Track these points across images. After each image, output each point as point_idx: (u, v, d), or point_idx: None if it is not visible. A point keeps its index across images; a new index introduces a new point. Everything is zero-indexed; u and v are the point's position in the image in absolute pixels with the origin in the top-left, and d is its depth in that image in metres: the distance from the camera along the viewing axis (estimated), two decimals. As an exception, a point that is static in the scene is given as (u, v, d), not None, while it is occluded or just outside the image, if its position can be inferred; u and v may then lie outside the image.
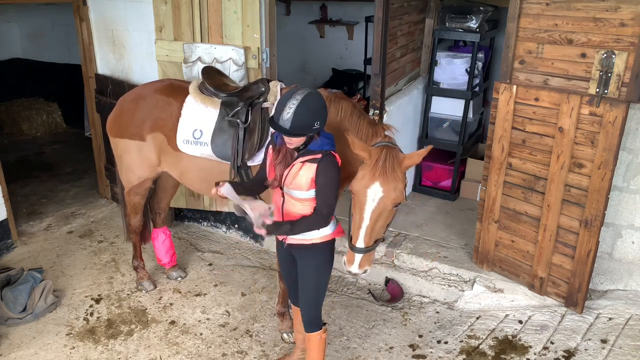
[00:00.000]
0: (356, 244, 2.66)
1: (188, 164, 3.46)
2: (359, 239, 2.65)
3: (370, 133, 2.89)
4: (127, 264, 4.40)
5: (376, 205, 2.58)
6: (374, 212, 2.60)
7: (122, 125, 3.58)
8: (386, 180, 2.57)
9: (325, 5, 7.71)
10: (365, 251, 2.66)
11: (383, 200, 2.58)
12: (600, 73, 3.11)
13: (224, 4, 4.01)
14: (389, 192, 2.57)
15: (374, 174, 2.58)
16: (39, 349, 3.46)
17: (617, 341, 3.35)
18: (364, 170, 2.62)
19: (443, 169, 5.17)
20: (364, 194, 2.59)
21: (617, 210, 3.70)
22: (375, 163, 2.58)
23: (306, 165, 2.57)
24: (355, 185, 2.63)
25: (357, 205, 2.63)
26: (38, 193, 5.76)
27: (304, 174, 2.58)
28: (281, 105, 2.46)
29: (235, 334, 3.62)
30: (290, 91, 2.50)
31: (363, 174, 2.61)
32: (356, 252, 2.67)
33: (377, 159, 2.59)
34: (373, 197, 2.58)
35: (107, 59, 5.02)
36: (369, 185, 2.58)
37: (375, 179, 2.57)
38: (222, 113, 3.33)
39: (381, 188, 2.56)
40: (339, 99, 3.01)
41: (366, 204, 2.60)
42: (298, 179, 2.59)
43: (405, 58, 4.83)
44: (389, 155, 2.60)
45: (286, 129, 2.45)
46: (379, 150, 2.63)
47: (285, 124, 2.44)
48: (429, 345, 3.49)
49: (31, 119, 7.81)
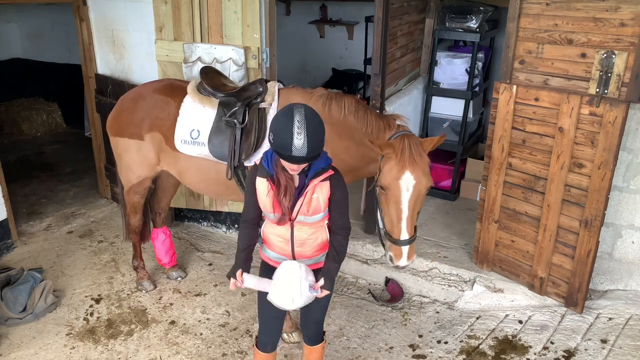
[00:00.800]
0: (400, 237, 2.69)
1: (186, 163, 3.46)
2: (402, 232, 2.68)
3: (382, 126, 2.91)
4: (127, 264, 4.40)
5: (411, 194, 2.63)
6: (411, 201, 2.65)
7: (121, 125, 3.59)
8: (415, 167, 2.61)
9: (325, 5, 7.71)
10: (410, 242, 2.71)
11: (417, 187, 2.63)
12: (600, 73, 3.11)
13: (224, 4, 4.01)
14: (420, 178, 2.62)
15: (403, 164, 2.62)
16: (39, 349, 3.46)
17: (617, 341, 3.35)
18: (390, 162, 2.64)
19: (443, 169, 5.17)
20: (397, 185, 2.62)
21: (617, 210, 3.70)
22: (402, 153, 2.62)
23: (319, 185, 2.37)
24: (385, 179, 2.65)
25: (392, 198, 2.65)
26: (38, 193, 5.76)
27: (319, 195, 2.38)
28: (285, 134, 2.13)
29: (235, 334, 3.62)
30: (281, 116, 2.18)
31: (390, 166, 2.64)
32: (403, 245, 2.69)
33: (402, 149, 2.62)
34: (407, 187, 2.62)
35: (107, 59, 5.02)
36: (400, 176, 2.61)
37: (405, 168, 2.61)
38: (219, 113, 3.33)
39: (412, 176, 2.60)
40: (341, 96, 3.04)
41: (402, 195, 2.63)
42: (315, 202, 2.38)
43: (405, 58, 4.83)
44: (412, 143, 2.65)
45: (304, 157, 2.16)
46: (399, 140, 2.67)
47: (301, 151, 2.14)
48: (429, 345, 3.49)
49: (31, 119, 7.81)
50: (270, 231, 2.55)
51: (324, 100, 3.09)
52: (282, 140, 2.15)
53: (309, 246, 2.52)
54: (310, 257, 2.55)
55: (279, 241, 2.53)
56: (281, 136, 2.14)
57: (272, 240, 2.57)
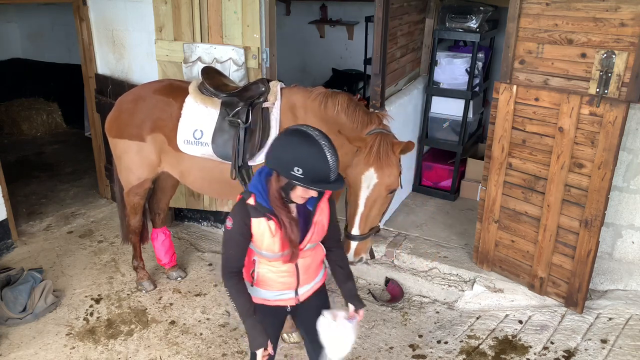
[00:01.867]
0: (352, 231, 2.66)
1: (189, 164, 3.46)
2: (354, 227, 2.65)
3: (365, 121, 2.89)
4: (127, 264, 4.40)
5: (371, 191, 2.58)
6: (369, 199, 2.61)
7: (121, 126, 3.58)
8: (380, 166, 2.57)
9: (325, 5, 7.71)
10: (360, 239, 2.66)
11: (378, 187, 2.58)
12: (600, 73, 3.11)
13: (224, 4, 4.01)
14: (383, 178, 2.57)
15: (368, 160, 2.58)
16: (39, 349, 3.46)
17: (617, 341, 3.35)
18: (358, 157, 2.61)
19: (443, 169, 5.17)
20: (359, 180, 2.59)
21: (617, 210, 3.70)
22: (370, 150, 2.58)
23: (320, 207, 2.20)
24: (349, 173, 2.62)
25: (352, 192, 2.63)
26: (38, 193, 5.76)
27: (323, 218, 2.21)
28: (321, 164, 1.92)
29: (235, 334, 3.62)
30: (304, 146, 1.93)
31: (357, 161, 2.61)
32: (352, 240, 2.66)
33: (371, 145, 2.59)
34: (368, 184, 2.59)
35: (107, 59, 5.02)
36: (363, 172, 2.58)
37: (370, 165, 2.58)
38: (222, 113, 3.33)
39: (375, 174, 2.57)
40: (336, 94, 3.04)
41: (361, 190, 2.60)
42: (320, 226, 2.21)
43: (405, 58, 4.83)
44: (383, 141, 2.61)
45: (340, 184, 2.01)
46: (372, 137, 2.63)
47: (335, 173, 1.96)
48: (429, 345, 3.49)
49: (31, 119, 7.81)
50: (270, 270, 2.24)
51: (321, 98, 3.09)
52: (319, 171, 1.93)
53: (312, 269, 2.31)
54: (312, 281, 2.34)
55: (283, 277, 2.25)
56: (317, 167, 1.92)
57: (272, 279, 2.27)
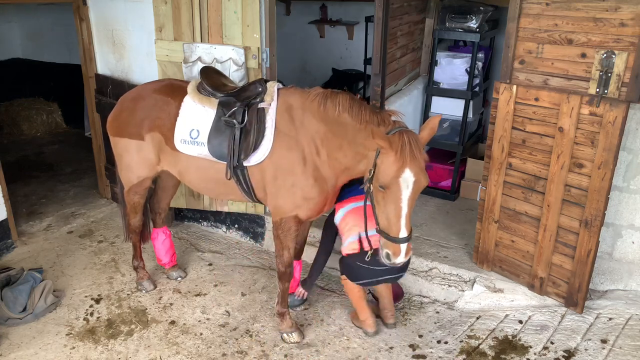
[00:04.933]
0: (399, 235, 2.70)
1: (186, 163, 3.46)
2: (401, 229, 2.69)
3: (375, 120, 2.87)
4: (127, 264, 4.40)
5: (410, 191, 2.63)
6: (410, 199, 2.65)
7: (121, 125, 3.59)
8: (415, 164, 2.61)
9: (325, 5, 7.71)
10: (409, 239, 2.72)
11: (416, 185, 2.63)
12: (600, 73, 3.11)
13: (224, 4, 4.01)
14: (419, 175, 2.63)
15: (404, 161, 2.60)
16: (39, 349, 3.46)
17: (617, 341, 3.35)
18: (389, 159, 2.62)
19: (443, 169, 5.17)
20: (397, 183, 2.61)
21: (617, 210, 3.70)
22: (401, 150, 2.60)
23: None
24: (384, 177, 2.64)
25: (391, 196, 2.65)
26: (38, 193, 5.76)
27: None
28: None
29: (235, 334, 3.62)
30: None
31: (389, 163, 2.62)
32: (402, 243, 2.72)
33: (402, 145, 2.60)
34: (407, 184, 2.62)
35: (107, 59, 5.02)
36: (400, 173, 2.61)
37: (406, 165, 2.60)
38: (219, 113, 3.31)
39: (412, 173, 2.60)
40: (336, 94, 3.01)
41: (402, 192, 2.63)
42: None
43: (405, 58, 4.84)
44: (411, 139, 2.63)
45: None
46: (398, 137, 2.64)
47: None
48: (429, 345, 3.49)
49: (31, 119, 7.81)
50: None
51: (320, 99, 3.05)
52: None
53: None
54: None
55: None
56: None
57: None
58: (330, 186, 3.20)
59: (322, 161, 3.11)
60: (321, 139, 3.08)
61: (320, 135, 3.08)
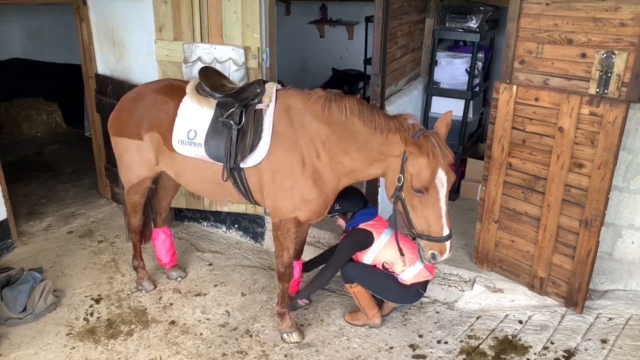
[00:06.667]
0: (444, 233, 2.82)
1: (183, 164, 3.44)
2: (444, 228, 2.81)
3: (391, 126, 2.89)
4: (127, 264, 4.40)
5: (446, 189, 2.77)
6: (446, 196, 2.79)
7: (121, 124, 3.59)
8: (447, 164, 2.76)
9: (325, 5, 7.71)
10: (451, 235, 2.85)
11: (449, 182, 2.78)
12: (600, 73, 3.11)
13: (224, 4, 4.01)
14: (449, 173, 2.77)
15: (437, 162, 2.72)
16: (39, 349, 3.46)
17: (617, 341, 3.35)
18: (420, 163, 2.73)
19: (443, 169, 5.16)
20: (434, 185, 2.74)
21: (617, 210, 3.70)
22: (432, 153, 2.71)
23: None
24: (419, 181, 2.74)
25: (431, 198, 2.76)
26: (38, 193, 5.76)
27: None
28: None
29: (235, 334, 3.62)
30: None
31: (421, 167, 2.73)
32: (446, 241, 2.84)
33: (431, 147, 2.71)
34: (443, 183, 2.75)
35: (107, 59, 5.02)
36: (436, 174, 2.73)
37: (439, 166, 2.72)
38: (217, 114, 3.29)
39: (445, 172, 2.74)
40: (341, 97, 3.01)
41: (440, 192, 2.76)
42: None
43: (405, 58, 4.83)
44: (437, 140, 2.74)
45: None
46: (425, 140, 2.74)
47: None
48: (429, 345, 3.49)
49: (31, 119, 7.81)
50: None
51: (323, 101, 3.03)
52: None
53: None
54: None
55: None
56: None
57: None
58: (331, 188, 3.20)
59: (323, 164, 3.10)
60: (322, 141, 3.07)
61: (321, 138, 3.07)
